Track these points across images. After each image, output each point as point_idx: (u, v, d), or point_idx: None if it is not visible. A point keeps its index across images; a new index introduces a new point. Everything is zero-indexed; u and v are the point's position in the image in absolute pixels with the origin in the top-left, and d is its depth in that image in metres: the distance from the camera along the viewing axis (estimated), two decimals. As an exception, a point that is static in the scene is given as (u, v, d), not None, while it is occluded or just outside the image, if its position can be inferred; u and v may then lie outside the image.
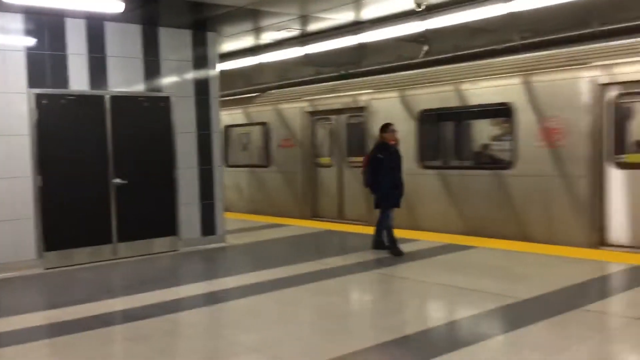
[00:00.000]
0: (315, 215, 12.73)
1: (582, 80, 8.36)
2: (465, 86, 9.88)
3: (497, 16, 8.57)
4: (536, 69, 8.99)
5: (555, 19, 8.96)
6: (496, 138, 10.01)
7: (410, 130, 10.52)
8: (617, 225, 8.25)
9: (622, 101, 8.15)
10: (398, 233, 8.76)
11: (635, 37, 8.21)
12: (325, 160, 12.63)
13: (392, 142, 8.56)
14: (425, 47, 11.45)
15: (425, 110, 10.46)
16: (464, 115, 10.23)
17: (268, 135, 13.78)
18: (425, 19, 9.01)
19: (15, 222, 7.99)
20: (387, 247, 8.57)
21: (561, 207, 8.68)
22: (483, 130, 10.40)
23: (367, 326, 5.59)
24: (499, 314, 5.64)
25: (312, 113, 12.71)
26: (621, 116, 8.21)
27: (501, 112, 9.25)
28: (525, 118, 9.00)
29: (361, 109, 11.59)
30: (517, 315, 5.60)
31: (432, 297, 6.49)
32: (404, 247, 8.58)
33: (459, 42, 10.88)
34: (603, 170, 8.29)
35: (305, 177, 12.88)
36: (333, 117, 12.36)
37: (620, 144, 8.21)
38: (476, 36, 10.60)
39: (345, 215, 12.13)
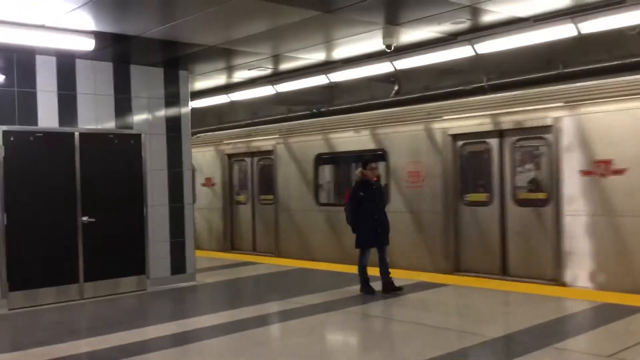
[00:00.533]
0: (233, 249, 13.87)
1: (436, 131, 9.82)
2: (349, 134, 11.33)
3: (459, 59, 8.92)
4: (401, 121, 10.49)
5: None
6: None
7: (309, 170, 11.99)
8: (467, 254, 9.52)
9: (466, 149, 9.68)
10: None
11: (472, 97, 10.05)
12: (241, 198, 13.89)
13: (374, 179, 8.43)
14: (396, 87, 11.74)
15: (320, 154, 11.88)
16: (349, 159, 11.74)
17: (194, 174, 13.78)
18: (395, 59, 9.20)
19: (-22, 262, 7.79)
20: (395, 289, 8.18)
21: (422, 239, 10.06)
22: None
23: (337, 367, 5.52)
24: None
25: (230, 156, 14.05)
26: (466, 161, 9.74)
27: (378, 157, 10.44)
28: (395, 162, 10.41)
29: (269, 152, 12.89)
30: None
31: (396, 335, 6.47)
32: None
33: (429, 82, 11.17)
34: (456, 207, 9.62)
35: (224, 213, 14.07)
36: (247, 159, 13.68)
37: (466, 186, 9.69)
38: (445, 77, 10.91)
39: (257, 247, 13.36)
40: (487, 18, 7.54)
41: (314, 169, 11.95)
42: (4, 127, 8.00)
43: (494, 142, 9.18)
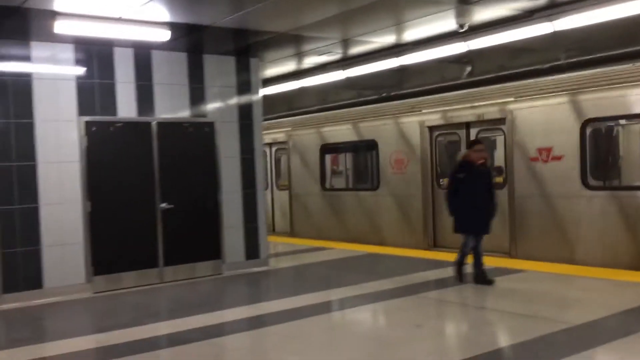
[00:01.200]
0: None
1: (416, 123, 11.17)
2: (348, 125, 12.72)
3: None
4: (387, 114, 11.82)
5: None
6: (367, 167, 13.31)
7: (316, 159, 13.53)
8: (441, 232, 10.77)
9: (439, 139, 11.04)
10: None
11: (449, 92, 11.00)
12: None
13: (480, 162, 7.84)
14: (468, 68, 11.43)
15: (325, 144, 13.38)
16: (348, 148, 13.51)
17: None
18: (469, 39, 8.94)
19: (65, 247, 8.18)
20: (486, 281, 7.72)
21: (405, 218, 11.39)
22: (360, 161, 13.90)
23: (414, 353, 5.47)
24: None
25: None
26: (440, 150, 11.14)
27: (371, 146, 12.11)
28: (383, 151, 11.77)
29: (285, 142, 14.42)
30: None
31: (474, 322, 6.34)
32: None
33: (504, 62, 10.80)
34: (432, 190, 10.98)
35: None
36: (267, 149, 14.96)
37: (439, 172, 11.01)
38: (520, 55, 10.52)
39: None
40: (566, -8, 7.21)
41: (320, 157, 13.50)
42: (86, 118, 8.33)
43: (462, 133, 10.49)
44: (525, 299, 7.02)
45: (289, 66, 11.35)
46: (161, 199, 8.81)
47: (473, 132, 10.30)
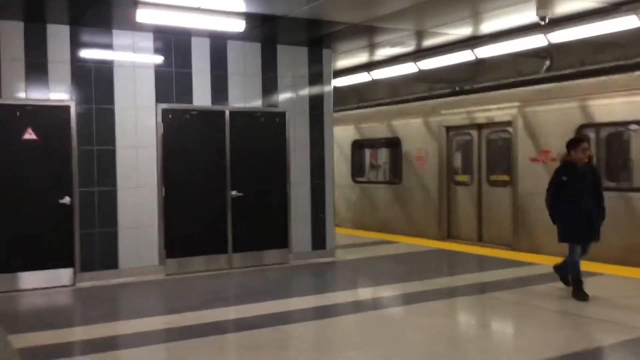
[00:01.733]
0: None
1: (436, 123, 12.03)
2: (373, 123, 13.82)
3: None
4: (410, 114, 12.73)
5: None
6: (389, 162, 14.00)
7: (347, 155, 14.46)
8: (456, 224, 11.73)
9: (455, 138, 11.87)
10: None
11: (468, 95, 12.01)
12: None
13: (585, 161, 7.07)
14: (547, 62, 11.04)
15: (355, 141, 14.37)
16: (375, 144, 14.15)
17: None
18: (549, 32, 8.63)
19: (141, 229, 8.46)
20: (580, 296, 6.93)
21: (425, 210, 12.24)
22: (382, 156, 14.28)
23: (476, 351, 5.36)
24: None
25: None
26: (455, 149, 11.97)
27: (395, 143, 13.08)
28: (406, 148, 12.69)
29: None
30: None
31: (545, 324, 6.14)
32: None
33: (584, 57, 10.38)
34: (449, 185, 11.80)
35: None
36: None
37: (455, 168, 11.94)
38: (603, 50, 10.08)
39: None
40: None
41: (351, 152, 14.49)
42: (164, 105, 8.57)
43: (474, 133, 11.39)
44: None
45: (362, 57, 11.29)
46: (232, 187, 8.97)
47: (484, 133, 11.19)
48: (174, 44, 8.65)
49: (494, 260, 9.36)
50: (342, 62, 11.71)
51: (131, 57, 8.41)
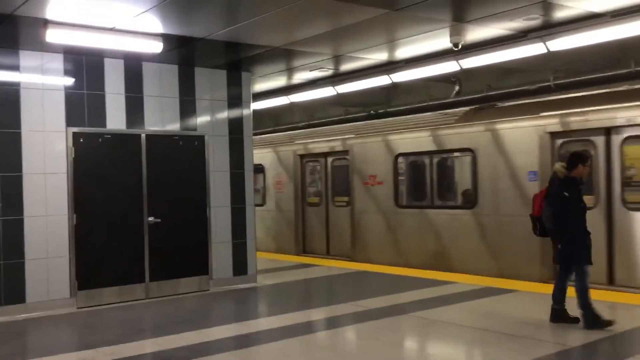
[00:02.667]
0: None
1: (291, 152, 13.53)
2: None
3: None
4: (273, 143, 14.13)
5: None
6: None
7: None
8: (310, 241, 13.31)
9: (308, 164, 13.42)
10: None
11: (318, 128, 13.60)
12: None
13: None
14: (457, 87, 11.47)
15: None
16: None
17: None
18: (462, 58, 8.97)
19: (50, 260, 7.99)
20: (572, 318, 6.51)
21: (284, 229, 13.67)
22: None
23: None
24: None
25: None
26: (308, 174, 13.46)
27: (260, 169, 14.05)
28: (268, 174, 14.13)
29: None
30: None
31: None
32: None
33: (491, 82, 10.87)
34: (303, 207, 13.43)
35: None
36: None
37: (308, 192, 13.52)
38: (509, 76, 10.59)
39: None
40: (560, 14, 7.25)
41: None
42: (75, 129, 8.20)
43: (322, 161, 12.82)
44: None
45: (280, 81, 11.31)
46: (149, 213, 8.67)
47: (329, 160, 12.82)
48: (85, 65, 8.31)
49: (410, 280, 9.50)
50: (261, 85, 11.67)
51: (40, 79, 8.00)
